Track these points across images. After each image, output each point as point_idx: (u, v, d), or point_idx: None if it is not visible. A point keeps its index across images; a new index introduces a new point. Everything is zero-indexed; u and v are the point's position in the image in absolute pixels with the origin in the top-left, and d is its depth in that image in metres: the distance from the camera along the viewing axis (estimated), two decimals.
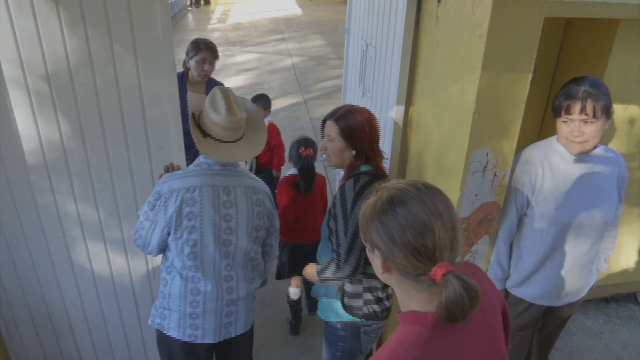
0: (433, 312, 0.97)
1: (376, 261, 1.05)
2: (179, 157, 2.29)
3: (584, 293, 2.20)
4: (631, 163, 2.82)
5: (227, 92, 1.78)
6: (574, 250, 2.05)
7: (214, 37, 13.03)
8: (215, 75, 3.48)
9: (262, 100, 3.96)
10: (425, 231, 0.95)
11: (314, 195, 2.96)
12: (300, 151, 2.83)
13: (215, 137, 1.79)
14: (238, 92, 8.66)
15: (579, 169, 1.96)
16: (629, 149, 2.79)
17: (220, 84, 3.64)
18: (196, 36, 3.46)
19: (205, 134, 1.80)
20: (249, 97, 3.24)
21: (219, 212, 1.80)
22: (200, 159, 1.86)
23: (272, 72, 10.04)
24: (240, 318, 2.01)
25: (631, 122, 2.71)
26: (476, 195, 1.97)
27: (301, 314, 3.29)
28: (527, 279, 2.14)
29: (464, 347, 1.02)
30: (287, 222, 2.93)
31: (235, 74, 9.68)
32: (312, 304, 3.35)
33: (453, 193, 1.95)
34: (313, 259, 2.16)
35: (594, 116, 1.81)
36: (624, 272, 3.27)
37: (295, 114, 7.61)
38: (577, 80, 1.87)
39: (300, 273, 2.69)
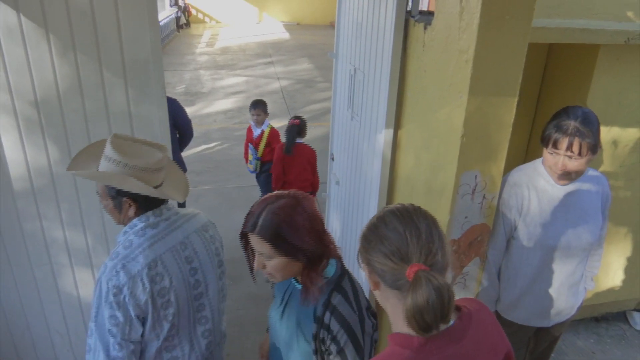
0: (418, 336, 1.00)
1: (368, 278, 1.11)
2: None
3: (573, 312, 2.22)
4: (616, 183, 2.87)
5: (123, 136, 1.57)
6: (561, 271, 2.07)
7: (202, 60, 13.12)
8: (203, 99, 3.49)
9: (262, 105, 4.53)
10: (399, 237, 1.04)
11: (295, 156, 4.13)
12: (289, 121, 4.15)
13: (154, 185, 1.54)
14: (226, 115, 8.72)
15: (564, 191, 1.99)
16: (614, 169, 2.85)
17: (174, 100, 3.60)
18: (185, 60, 3.48)
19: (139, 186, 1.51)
20: (239, 120, 3.27)
21: (186, 271, 1.62)
22: (137, 226, 1.56)
23: (261, 95, 10.10)
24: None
25: (614, 143, 2.76)
26: (466, 217, 1.98)
27: None
28: (517, 302, 2.15)
29: None
30: (277, 175, 4.15)
31: (223, 97, 9.72)
32: None
33: (443, 215, 1.96)
34: None
35: (579, 154, 1.82)
36: (613, 291, 3.30)
37: (284, 137, 7.63)
38: (569, 112, 1.86)
39: None
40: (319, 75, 11.93)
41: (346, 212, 3.12)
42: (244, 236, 1.40)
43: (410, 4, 2.20)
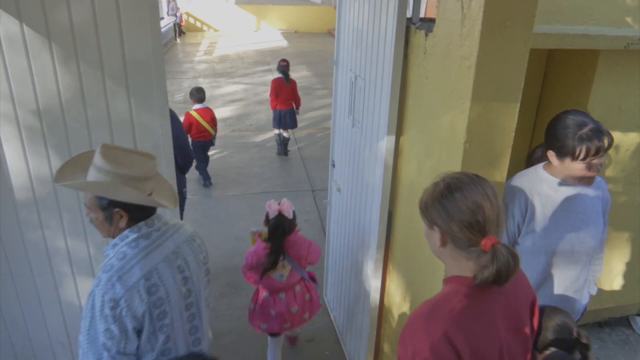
0: (472, 277, 1.21)
1: (434, 236, 1.28)
2: None
3: (577, 317, 2.21)
4: (617, 188, 2.87)
5: (112, 145, 1.55)
6: (565, 276, 2.06)
7: (201, 68, 13.16)
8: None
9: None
10: (477, 209, 1.19)
11: (286, 85, 6.72)
12: (279, 62, 6.72)
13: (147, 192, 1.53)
14: (226, 122, 8.73)
15: (566, 196, 1.99)
16: (615, 174, 2.85)
17: (172, 113, 3.54)
18: (184, 68, 3.49)
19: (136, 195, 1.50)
20: (239, 127, 3.26)
21: (179, 280, 1.61)
22: (129, 237, 1.54)
23: (259, 102, 10.12)
24: None
25: (615, 148, 2.77)
26: None
27: None
28: None
29: (494, 313, 1.23)
30: (273, 99, 6.78)
31: (222, 105, 9.74)
32: None
33: None
34: (292, 120, 6.70)
35: (608, 147, 1.85)
36: (615, 296, 3.29)
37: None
38: (571, 120, 1.86)
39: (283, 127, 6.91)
40: (318, 82, 11.97)
41: (348, 219, 3.11)
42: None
43: (410, 11, 2.21)
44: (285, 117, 6.79)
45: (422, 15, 2.28)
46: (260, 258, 2.76)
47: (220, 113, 9.04)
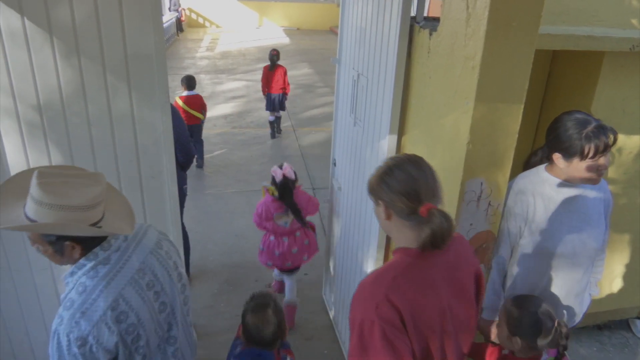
0: (416, 248, 1.36)
1: (380, 211, 1.44)
2: (171, 188, 2.27)
3: (578, 320, 2.20)
4: (619, 190, 2.86)
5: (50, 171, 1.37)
6: (568, 278, 2.06)
7: (202, 65, 13.13)
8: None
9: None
10: (413, 181, 1.35)
11: (275, 72, 7.45)
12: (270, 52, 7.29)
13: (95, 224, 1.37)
14: (227, 119, 8.71)
15: (568, 197, 1.98)
16: (617, 176, 2.84)
17: (174, 110, 3.51)
18: (185, 64, 3.49)
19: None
20: (239, 124, 3.26)
21: (150, 299, 1.49)
22: (86, 266, 1.40)
23: (261, 99, 10.07)
24: None
25: (618, 150, 2.76)
26: (471, 224, 1.97)
27: None
28: None
29: (435, 277, 1.38)
30: (263, 84, 7.55)
31: (223, 101, 9.72)
32: None
33: None
34: (281, 103, 7.48)
35: (614, 143, 1.85)
36: (615, 299, 3.28)
37: (284, 141, 7.64)
38: (573, 120, 1.87)
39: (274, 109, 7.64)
40: (319, 80, 11.95)
41: (348, 218, 3.10)
42: None
43: (414, 10, 2.19)
44: (275, 100, 7.59)
45: (425, 14, 2.27)
46: (268, 208, 3.38)
47: (221, 109, 9.02)
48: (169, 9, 17.86)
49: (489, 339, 2.22)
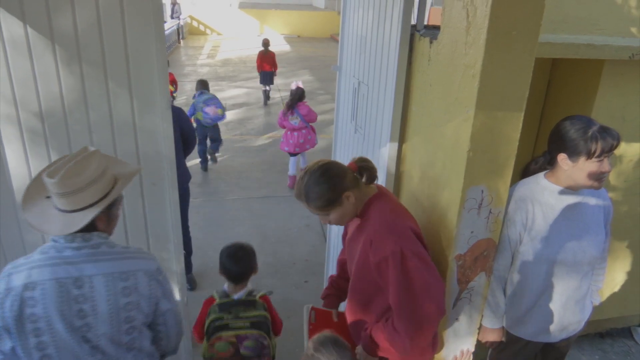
0: (373, 194, 1.89)
1: (337, 212, 1.84)
2: (172, 195, 2.27)
3: (580, 327, 2.19)
4: (620, 198, 2.86)
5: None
6: (567, 285, 2.05)
7: (203, 72, 13.18)
8: None
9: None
10: (344, 172, 1.88)
11: (268, 55, 10.36)
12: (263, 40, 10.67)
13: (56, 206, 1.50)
14: (228, 126, 8.73)
15: (568, 205, 1.98)
16: (618, 184, 2.84)
17: (180, 110, 3.55)
18: (187, 71, 3.50)
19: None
20: (240, 131, 3.26)
21: (70, 309, 1.48)
22: (48, 244, 1.53)
23: (261, 106, 10.13)
24: None
25: (619, 158, 2.76)
26: (472, 232, 1.96)
27: None
28: (523, 317, 2.13)
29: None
30: (258, 65, 10.52)
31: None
32: None
33: (449, 230, 1.95)
34: (270, 78, 10.48)
35: (617, 145, 1.86)
36: (617, 307, 3.27)
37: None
38: (574, 123, 1.89)
39: (266, 83, 10.58)
40: (320, 87, 11.99)
41: None
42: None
43: (415, 18, 2.20)
44: (266, 76, 10.32)
45: (425, 22, 2.28)
46: (284, 112, 5.95)
47: None
48: (171, 16, 17.96)
49: (488, 346, 2.22)
